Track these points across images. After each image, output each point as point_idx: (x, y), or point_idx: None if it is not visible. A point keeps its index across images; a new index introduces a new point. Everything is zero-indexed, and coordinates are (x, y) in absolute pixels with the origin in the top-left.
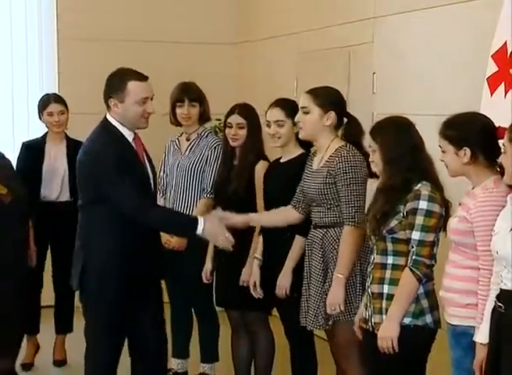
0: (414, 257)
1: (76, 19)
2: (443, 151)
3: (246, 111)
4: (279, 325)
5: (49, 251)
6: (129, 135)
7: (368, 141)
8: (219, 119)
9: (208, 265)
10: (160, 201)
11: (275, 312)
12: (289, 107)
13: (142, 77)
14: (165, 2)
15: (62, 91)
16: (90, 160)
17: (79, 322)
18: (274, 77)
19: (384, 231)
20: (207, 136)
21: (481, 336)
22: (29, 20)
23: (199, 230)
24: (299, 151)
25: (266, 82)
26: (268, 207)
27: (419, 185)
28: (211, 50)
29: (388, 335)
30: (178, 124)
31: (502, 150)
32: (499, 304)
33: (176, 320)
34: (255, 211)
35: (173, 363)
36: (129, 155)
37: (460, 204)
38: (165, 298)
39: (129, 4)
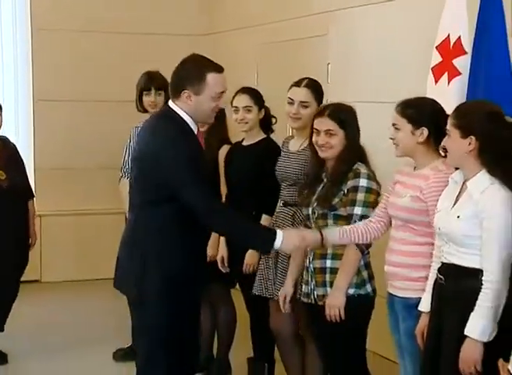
0: None
1: (49, 10)
2: (398, 129)
3: None
4: (240, 297)
5: None
6: (194, 128)
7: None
8: None
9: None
10: (125, 185)
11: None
12: (255, 94)
13: (220, 68)
14: None
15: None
16: (159, 151)
17: None
18: (237, 67)
19: (325, 209)
20: None
21: (423, 305)
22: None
23: (277, 243)
24: (262, 135)
25: (230, 71)
26: (230, 189)
27: (356, 165)
28: (179, 41)
29: (336, 304)
30: (144, 111)
31: (447, 133)
32: (440, 276)
33: None
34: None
35: None
36: (198, 150)
37: (394, 183)
38: None
39: None
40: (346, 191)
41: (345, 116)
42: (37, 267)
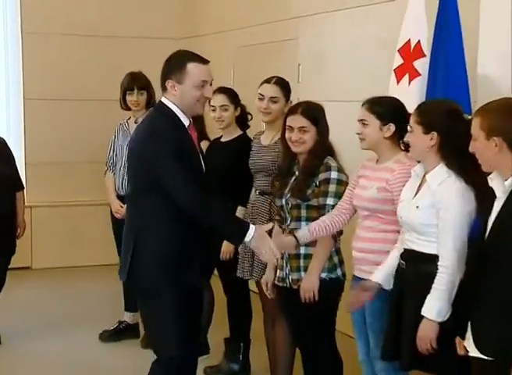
0: None
1: (37, 15)
2: (365, 124)
3: None
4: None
5: None
6: (185, 120)
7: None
8: None
9: None
10: (109, 178)
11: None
12: (231, 94)
13: (202, 60)
14: (116, 0)
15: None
16: (145, 142)
17: None
18: (215, 68)
19: (298, 200)
20: None
21: (374, 275)
22: None
23: (248, 238)
24: (238, 132)
25: None
26: None
27: (326, 159)
28: (160, 44)
29: (310, 287)
30: (128, 109)
31: (409, 130)
32: (402, 261)
33: None
34: None
35: (125, 316)
36: (187, 142)
37: (358, 177)
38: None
39: (85, 2)
40: (317, 183)
41: (317, 114)
42: (28, 255)
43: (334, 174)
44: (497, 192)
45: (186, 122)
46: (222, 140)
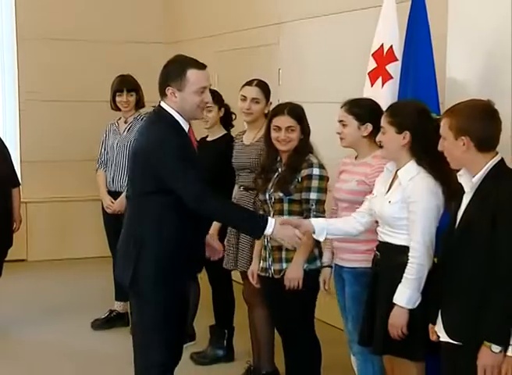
0: (314, 213)
1: (32, 22)
2: (345, 125)
3: None
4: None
5: None
6: (185, 125)
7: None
8: (154, 106)
9: None
10: (101, 175)
11: None
12: (215, 95)
13: (201, 66)
14: (106, 8)
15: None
16: (151, 149)
17: None
18: None
19: (281, 194)
20: (141, 119)
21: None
22: None
23: (269, 228)
24: (223, 131)
25: None
26: None
27: (308, 156)
28: (146, 48)
29: (295, 277)
30: (117, 109)
31: (381, 131)
32: (377, 252)
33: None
34: None
35: (116, 305)
36: (188, 147)
37: (340, 172)
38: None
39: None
40: (300, 179)
41: (301, 114)
42: (23, 248)
43: (316, 170)
44: (465, 188)
45: (186, 127)
46: (208, 139)
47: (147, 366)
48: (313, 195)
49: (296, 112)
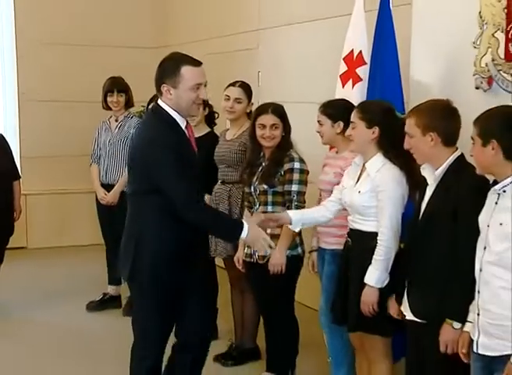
0: (295, 203)
1: (31, 26)
2: (321, 124)
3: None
4: None
5: None
6: (182, 122)
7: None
8: (144, 106)
9: None
10: (94, 169)
11: None
12: None
13: (196, 62)
14: (100, 14)
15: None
16: (145, 148)
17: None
18: None
19: (266, 187)
20: (131, 118)
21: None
22: None
23: (243, 235)
24: (207, 129)
25: None
26: None
27: (289, 151)
28: (136, 52)
29: (278, 262)
30: (108, 109)
31: (351, 125)
32: (348, 239)
33: (111, 257)
34: None
35: (109, 289)
36: (184, 144)
37: (324, 166)
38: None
39: (71, 15)
40: (282, 173)
41: (283, 112)
42: (23, 236)
43: (297, 164)
44: (429, 180)
45: (182, 123)
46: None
47: (140, 357)
48: (294, 187)
49: (279, 111)
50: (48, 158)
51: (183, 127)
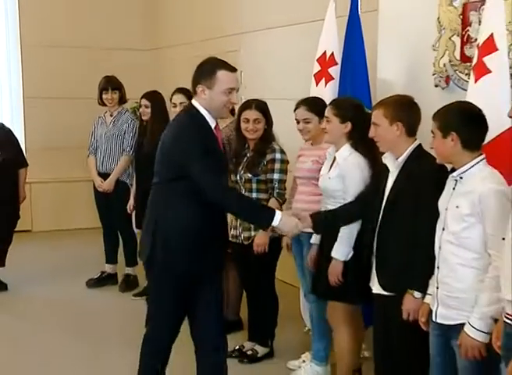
0: (277, 190)
1: (34, 31)
2: (309, 122)
3: (151, 96)
4: None
5: None
6: (212, 122)
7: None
8: (137, 102)
9: (131, 201)
10: (91, 160)
11: None
12: (187, 93)
13: (232, 68)
14: (96, 19)
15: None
16: (176, 143)
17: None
18: (174, 74)
19: (250, 175)
20: (125, 113)
21: (314, 238)
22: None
23: (275, 222)
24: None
25: (169, 77)
26: None
27: (272, 143)
28: (129, 54)
29: (262, 242)
30: (103, 105)
31: (326, 120)
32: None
33: (108, 239)
34: None
35: (107, 267)
36: (212, 141)
37: (298, 156)
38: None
39: (70, 19)
40: (265, 163)
41: (265, 108)
42: (29, 221)
43: (278, 155)
44: (391, 168)
45: (212, 123)
46: None
47: (152, 351)
48: (276, 176)
49: (262, 107)
50: (50, 150)
51: (213, 127)
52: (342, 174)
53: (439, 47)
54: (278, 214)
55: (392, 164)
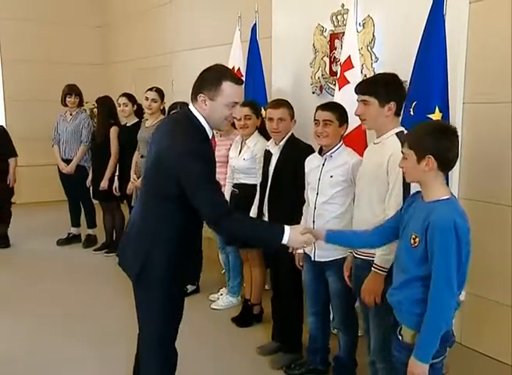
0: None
1: (11, 47)
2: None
3: (105, 99)
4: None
5: None
6: (209, 132)
7: None
8: (94, 105)
9: (90, 178)
10: (56, 149)
11: None
12: (131, 97)
13: (238, 80)
14: (59, 39)
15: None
16: (177, 154)
17: None
18: (121, 84)
19: None
20: (82, 113)
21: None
22: None
23: (285, 240)
24: (136, 119)
25: (118, 86)
26: None
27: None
28: (84, 67)
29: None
30: (66, 106)
31: (247, 118)
32: (235, 189)
33: (72, 208)
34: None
35: (72, 230)
36: (211, 155)
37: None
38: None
39: (40, 39)
40: None
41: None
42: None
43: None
44: (272, 151)
45: (209, 134)
46: (128, 124)
47: (163, 356)
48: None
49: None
50: (27, 140)
51: (210, 136)
52: (254, 156)
53: (315, 65)
54: (286, 231)
55: (275, 147)
